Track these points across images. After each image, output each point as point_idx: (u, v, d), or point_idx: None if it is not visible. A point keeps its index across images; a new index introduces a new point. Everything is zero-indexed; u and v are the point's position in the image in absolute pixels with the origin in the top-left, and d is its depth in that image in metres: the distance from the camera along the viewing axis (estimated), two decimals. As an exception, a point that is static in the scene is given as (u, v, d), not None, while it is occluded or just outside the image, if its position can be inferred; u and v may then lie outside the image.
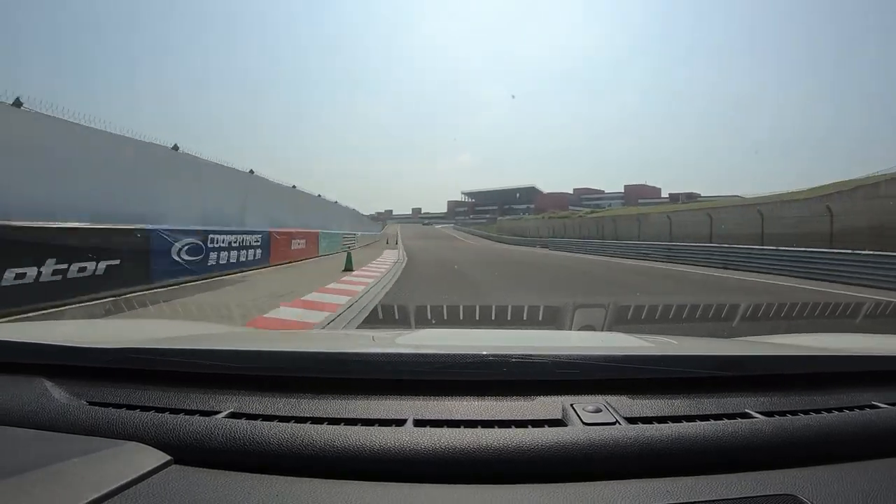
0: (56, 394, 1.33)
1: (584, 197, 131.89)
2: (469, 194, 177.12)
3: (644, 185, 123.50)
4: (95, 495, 0.95)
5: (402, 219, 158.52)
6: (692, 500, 1.03)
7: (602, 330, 4.19)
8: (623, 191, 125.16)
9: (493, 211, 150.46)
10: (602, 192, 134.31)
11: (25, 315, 6.88)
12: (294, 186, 23.59)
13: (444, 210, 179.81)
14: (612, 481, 1.08)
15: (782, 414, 1.29)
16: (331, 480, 1.06)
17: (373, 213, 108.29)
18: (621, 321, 5.52)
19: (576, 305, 4.71)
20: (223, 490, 1.03)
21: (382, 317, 5.93)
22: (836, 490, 1.08)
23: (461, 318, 6.13)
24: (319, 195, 27.37)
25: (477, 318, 6.08)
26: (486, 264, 21.52)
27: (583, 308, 5.17)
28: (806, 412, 1.30)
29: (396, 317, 5.83)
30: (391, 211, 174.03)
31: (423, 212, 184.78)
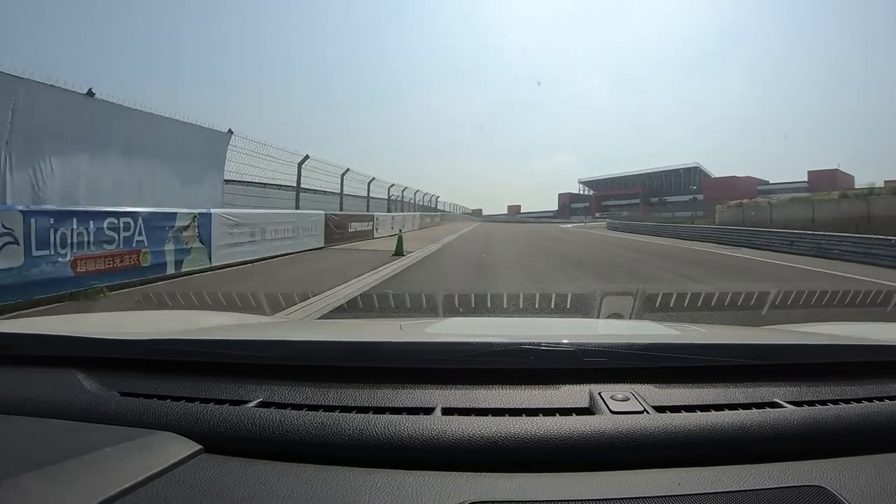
0: (88, 385, 1.36)
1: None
2: (589, 184, 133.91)
3: (836, 171, 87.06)
4: (128, 484, 0.98)
5: (491, 219, 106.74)
6: (720, 490, 1.02)
7: (630, 318, 4.18)
8: (807, 179, 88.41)
9: (630, 205, 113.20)
10: (766, 181, 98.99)
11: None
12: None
13: (554, 207, 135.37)
14: (639, 470, 1.08)
15: (811, 404, 1.27)
16: (360, 468, 1.07)
17: (459, 212, 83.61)
18: (649, 309, 5.49)
19: (603, 293, 4.69)
20: (253, 478, 1.05)
21: (410, 305, 5.97)
22: (864, 481, 1.06)
23: (489, 306, 6.14)
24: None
25: (504, 306, 6.08)
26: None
27: (610, 296, 5.15)
28: (836, 402, 1.29)
29: (424, 305, 5.87)
30: (481, 210, 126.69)
31: (522, 210, 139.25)
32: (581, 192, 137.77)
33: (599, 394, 1.27)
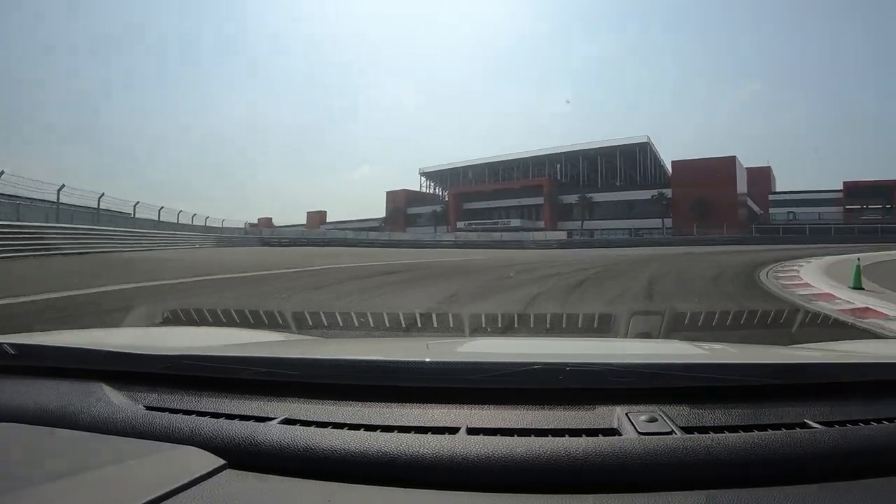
0: (115, 398, 1.39)
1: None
2: (436, 176, 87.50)
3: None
4: (151, 496, 0.99)
5: (277, 236, 59.96)
6: None
7: (658, 337, 4.13)
8: (841, 188, 67.72)
9: (520, 209, 72.95)
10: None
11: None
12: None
13: (379, 214, 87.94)
14: (666, 492, 1.07)
15: (842, 424, 1.25)
16: (384, 487, 1.08)
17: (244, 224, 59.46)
18: (678, 328, 5.41)
19: (632, 313, 4.65)
20: (276, 495, 1.07)
21: (437, 325, 5.96)
22: None
23: (515, 326, 6.10)
24: None
25: (531, 325, 6.04)
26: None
27: (638, 315, 5.10)
28: (867, 422, 1.26)
29: (451, 325, 5.86)
30: (270, 219, 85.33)
31: (330, 219, 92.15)
32: (427, 191, 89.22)
33: (627, 414, 1.26)
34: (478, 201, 78.08)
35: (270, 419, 1.27)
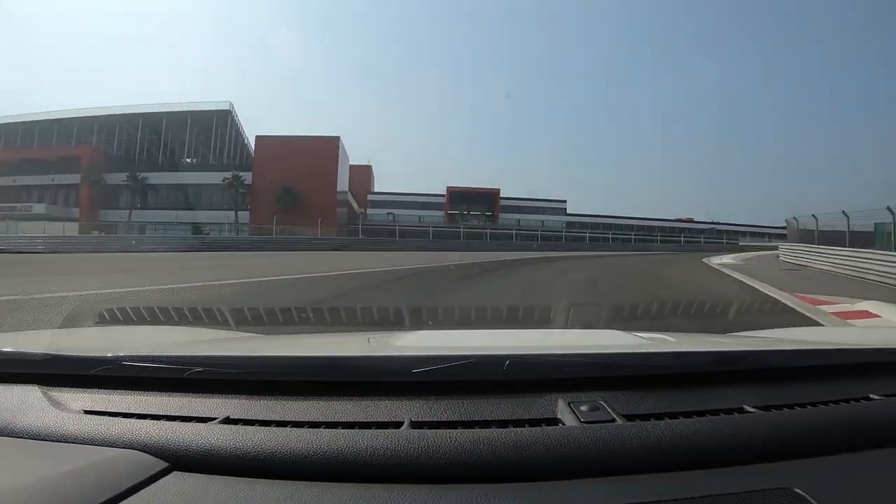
0: (51, 403, 1.32)
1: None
2: None
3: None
4: None
5: None
6: (690, 496, 1.03)
7: (599, 328, 4.20)
8: (446, 194, 67.42)
9: (59, 189, 53.33)
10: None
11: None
12: None
13: None
14: (609, 478, 1.09)
15: (778, 408, 1.30)
16: (329, 483, 1.06)
17: None
18: (618, 319, 5.52)
19: (572, 304, 4.72)
20: (221, 495, 1.03)
21: (378, 318, 5.92)
22: (832, 481, 1.09)
23: (457, 318, 6.12)
24: None
25: (472, 318, 6.07)
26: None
27: (579, 307, 5.19)
28: (802, 405, 1.32)
29: (392, 318, 5.83)
30: None
31: None
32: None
33: (569, 404, 1.27)
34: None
35: (212, 419, 1.23)
